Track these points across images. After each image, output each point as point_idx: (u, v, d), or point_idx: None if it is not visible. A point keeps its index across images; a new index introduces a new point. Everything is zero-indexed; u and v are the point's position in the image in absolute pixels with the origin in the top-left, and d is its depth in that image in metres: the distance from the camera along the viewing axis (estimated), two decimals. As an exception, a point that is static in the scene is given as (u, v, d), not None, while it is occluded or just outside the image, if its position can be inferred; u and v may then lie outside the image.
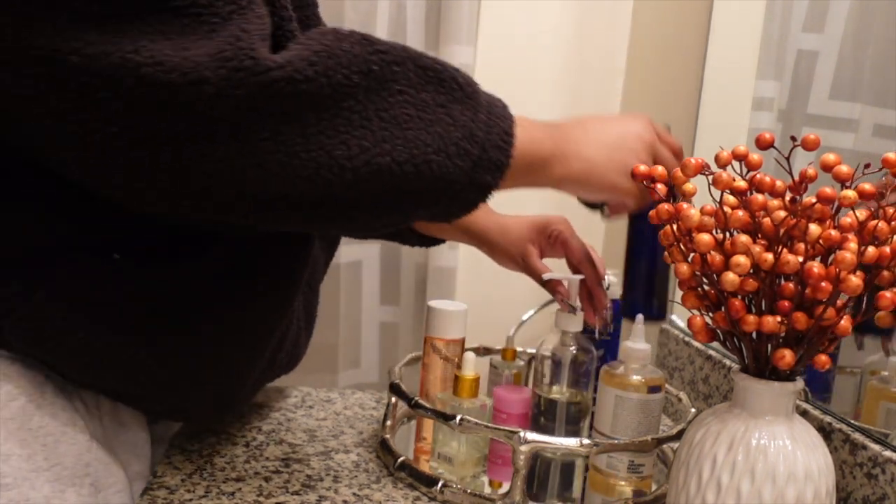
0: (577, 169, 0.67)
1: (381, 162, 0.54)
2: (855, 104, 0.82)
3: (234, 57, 0.49)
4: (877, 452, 0.67)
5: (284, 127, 0.51)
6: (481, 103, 0.60)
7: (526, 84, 1.41)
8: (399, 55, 0.56)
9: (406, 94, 0.56)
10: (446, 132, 0.57)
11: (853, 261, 0.52)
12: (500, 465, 0.79)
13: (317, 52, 0.52)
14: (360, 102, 0.54)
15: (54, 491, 0.59)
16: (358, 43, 0.55)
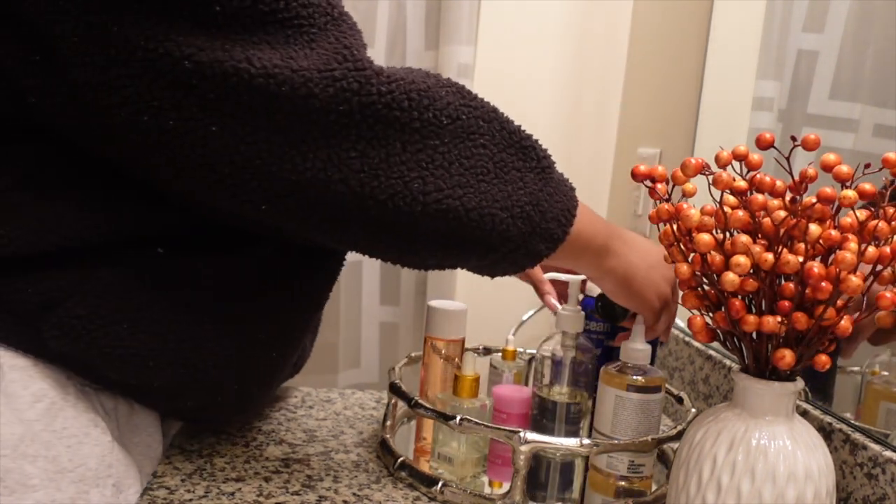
0: (623, 269, 0.71)
1: (450, 204, 0.58)
2: (855, 104, 0.82)
3: (342, 77, 0.53)
4: (877, 452, 0.67)
5: (373, 149, 0.55)
6: (553, 178, 0.64)
7: (526, 84, 1.41)
8: (488, 113, 0.61)
9: (488, 148, 0.60)
10: (515, 193, 0.61)
11: (853, 261, 0.52)
12: (500, 465, 0.79)
13: (416, 89, 0.56)
14: (444, 144, 0.58)
15: (79, 492, 0.60)
16: (454, 92, 0.59)
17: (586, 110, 1.43)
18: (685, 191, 0.61)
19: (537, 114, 1.42)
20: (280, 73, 0.51)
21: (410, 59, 1.35)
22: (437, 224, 0.58)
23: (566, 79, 1.42)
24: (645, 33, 1.36)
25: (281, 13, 0.52)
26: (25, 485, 0.57)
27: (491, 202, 0.60)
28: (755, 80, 1.01)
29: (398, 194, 0.56)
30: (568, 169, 1.53)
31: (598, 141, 1.44)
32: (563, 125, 1.43)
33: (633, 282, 0.72)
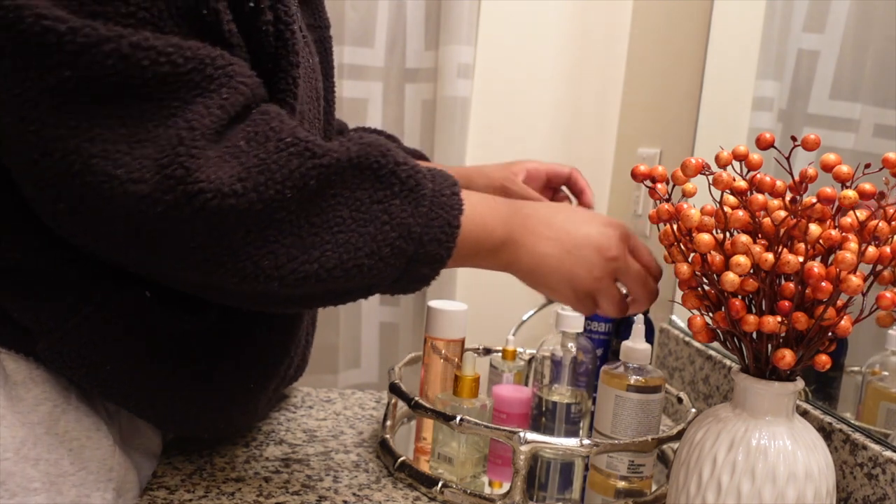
0: (526, 262, 0.65)
1: (307, 269, 0.55)
2: (855, 104, 0.82)
3: (168, 163, 0.50)
4: (877, 452, 0.67)
5: (211, 239, 0.52)
6: (424, 195, 0.58)
7: (526, 84, 1.41)
8: (340, 164, 0.55)
9: (340, 196, 0.56)
10: (381, 232, 0.57)
11: (853, 261, 0.52)
12: (500, 465, 0.79)
13: (249, 168, 0.52)
14: (292, 213, 0.54)
15: (80, 495, 0.60)
16: (298, 154, 0.54)
17: (586, 110, 1.43)
18: (685, 191, 0.61)
19: (537, 114, 1.42)
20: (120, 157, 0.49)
21: (410, 59, 1.35)
22: (301, 290, 0.56)
23: (566, 79, 1.42)
24: (645, 33, 1.36)
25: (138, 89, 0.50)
26: (27, 488, 0.57)
27: (353, 253, 0.56)
28: (755, 80, 1.01)
29: (249, 276, 0.53)
30: (568, 169, 1.53)
31: (598, 141, 1.44)
32: (563, 125, 1.43)
33: (536, 275, 0.66)
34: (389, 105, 1.35)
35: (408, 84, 1.36)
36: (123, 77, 0.49)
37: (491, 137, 1.40)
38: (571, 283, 0.66)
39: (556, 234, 0.66)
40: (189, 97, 0.51)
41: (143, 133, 0.50)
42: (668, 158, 1.23)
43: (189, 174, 0.50)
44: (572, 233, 0.66)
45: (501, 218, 0.65)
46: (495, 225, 0.64)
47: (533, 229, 0.65)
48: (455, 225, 0.59)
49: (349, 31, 1.30)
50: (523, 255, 0.65)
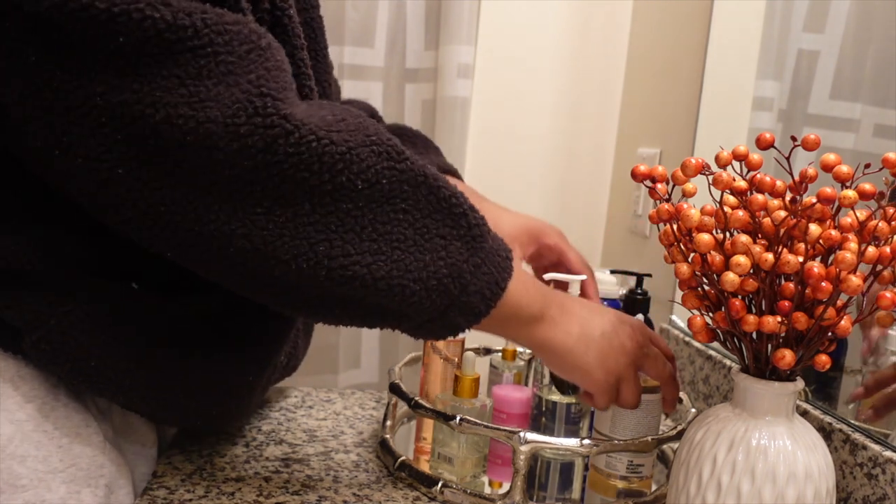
0: (560, 340, 0.65)
1: (356, 271, 0.54)
2: (855, 104, 0.82)
3: (248, 133, 0.50)
4: (877, 453, 0.67)
5: (279, 207, 0.52)
6: (484, 248, 0.59)
7: (526, 84, 1.41)
8: (416, 177, 0.56)
9: (409, 213, 0.56)
10: (434, 264, 0.57)
11: (853, 261, 0.52)
12: (500, 465, 0.79)
13: (331, 151, 0.52)
14: (358, 208, 0.54)
15: (70, 492, 0.60)
16: (379, 153, 0.55)
17: (586, 110, 1.43)
18: (685, 191, 0.61)
19: (537, 114, 1.42)
20: (184, 122, 0.48)
21: (410, 59, 1.35)
22: (342, 289, 0.55)
23: (566, 79, 1.42)
24: (645, 33, 1.36)
25: (191, 41, 0.49)
26: (15, 485, 0.57)
27: (403, 272, 0.55)
28: (755, 80, 1.01)
29: (302, 255, 0.53)
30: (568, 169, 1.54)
31: (598, 141, 1.44)
32: (563, 125, 1.43)
33: (570, 354, 0.66)
34: (389, 105, 1.35)
35: (408, 84, 1.36)
36: (173, 30, 0.48)
37: (491, 137, 1.40)
38: (605, 366, 0.67)
39: (591, 318, 0.67)
40: (242, 51, 0.50)
41: (204, 92, 0.49)
42: (668, 158, 1.23)
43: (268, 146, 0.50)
44: (604, 321, 0.67)
45: (541, 293, 0.65)
46: (535, 298, 0.64)
47: (569, 311, 0.66)
48: (502, 286, 0.60)
49: (349, 31, 1.30)
50: (559, 333, 0.65)
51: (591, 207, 1.46)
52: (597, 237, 1.47)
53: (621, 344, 0.67)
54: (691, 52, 1.17)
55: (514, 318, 0.63)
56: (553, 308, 0.65)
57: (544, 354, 0.67)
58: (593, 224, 1.47)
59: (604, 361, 0.66)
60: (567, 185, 1.45)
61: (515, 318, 0.63)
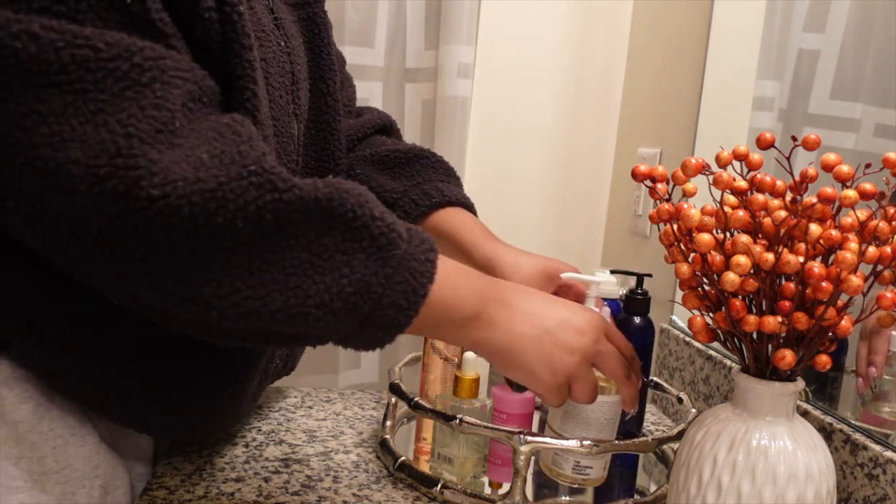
0: (499, 339, 0.61)
1: (249, 305, 0.51)
2: (856, 104, 0.82)
3: (108, 176, 0.46)
4: (877, 453, 0.67)
5: (154, 254, 0.49)
6: (395, 255, 0.54)
7: (526, 84, 1.41)
8: (306, 203, 0.51)
9: (303, 237, 0.51)
10: (336, 284, 0.52)
11: (854, 261, 0.52)
12: (500, 465, 0.79)
13: (200, 190, 0.48)
14: (243, 244, 0.50)
15: (64, 493, 0.60)
16: (259, 185, 0.49)
17: (586, 110, 1.43)
18: (685, 191, 0.61)
19: (537, 114, 1.42)
20: (44, 164, 0.45)
21: (410, 59, 1.35)
22: (242, 325, 0.52)
23: (566, 79, 1.42)
24: (645, 33, 1.36)
25: (56, 75, 0.45)
26: (9, 486, 0.57)
27: (303, 299, 0.51)
28: (755, 80, 1.01)
29: (190, 299, 0.50)
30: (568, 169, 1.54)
31: (598, 141, 1.44)
32: (563, 125, 1.43)
33: (511, 354, 0.61)
34: (389, 105, 1.35)
35: (408, 84, 1.36)
36: (36, 63, 0.44)
37: (491, 137, 1.40)
38: (550, 365, 0.62)
39: (535, 314, 0.62)
40: (117, 89, 0.47)
41: (68, 131, 0.45)
42: (668, 158, 1.23)
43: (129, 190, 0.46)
44: (551, 314, 0.63)
45: (476, 291, 0.60)
46: (467, 297, 0.59)
47: (510, 306, 0.62)
48: (421, 293, 0.55)
49: (349, 31, 1.30)
50: (498, 332, 0.61)
51: (591, 207, 1.46)
52: (597, 237, 1.47)
53: (568, 341, 0.62)
54: (691, 53, 1.17)
55: (443, 322, 0.59)
56: (491, 306, 0.61)
57: (484, 355, 0.63)
58: (593, 224, 1.47)
59: (549, 361, 0.62)
60: (567, 185, 1.45)
61: (445, 321, 0.59)
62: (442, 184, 0.90)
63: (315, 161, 0.85)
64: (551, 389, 0.63)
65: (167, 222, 0.47)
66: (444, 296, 0.57)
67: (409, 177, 0.90)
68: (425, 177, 0.90)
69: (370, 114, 0.99)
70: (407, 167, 0.91)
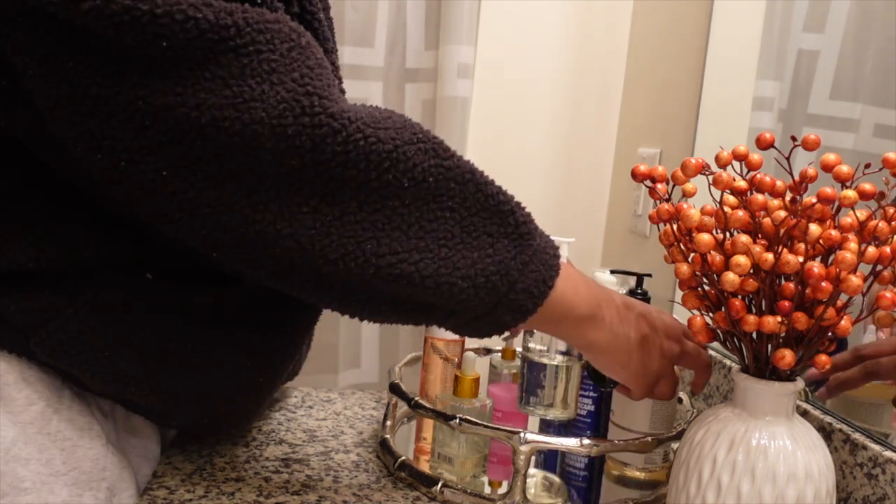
0: (605, 341, 0.65)
1: (404, 269, 0.54)
2: (855, 104, 0.82)
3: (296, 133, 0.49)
4: (877, 453, 0.67)
5: (326, 206, 0.52)
6: (532, 245, 0.59)
7: (526, 84, 1.41)
8: (463, 174, 0.56)
9: (456, 212, 0.56)
10: (482, 261, 0.56)
11: (853, 261, 0.52)
12: (498, 464, 0.79)
13: (378, 150, 0.52)
14: (405, 206, 0.54)
15: (72, 495, 0.60)
16: (425, 150, 0.54)
17: (586, 110, 1.43)
18: (685, 191, 0.61)
19: (537, 114, 1.42)
20: (230, 124, 0.48)
21: (410, 59, 1.35)
22: (390, 287, 0.55)
23: (566, 79, 1.42)
24: (645, 33, 1.36)
25: (233, 40, 0.48)
26: (18, 487, 0.57)
27: (451, 269, 0.55)
28: (755, 80, 1.01)
29: (350, 254, 0.53)
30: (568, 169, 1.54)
31: (598, 141, 1.44)
32: (563, 125, 1.43)
33: (616, 356, 0.66)
34: (389, 105, 1.35)
35: (408, 84, 1.36)
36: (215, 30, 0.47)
37: (491, 137, 1.40)
38: (645, 365, 0.68)
39: (637, 318, 0.67)
40: (284, 49, 0.50)
41: (248, 92, 0.48)
42: (668, 158, 1.23)
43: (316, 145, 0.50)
44: (649, 319, 0.68)
45: (591, 294, 0.64)
46: (583, 297, 0.63)
47: (616, 310, 0.66)
48: (549, 284, 0.59)
49: (349, 31, 1.30)
50: (605, 335, 0.65)
51: (591, 207, 1.46)
52: (597, 237, 1.47)
53: (661, 345, 0.69)
54: (691, 52, 1.17)
55: (563, 317, 0.63)
56: (602, 309, 0.65)
57: (591, 354, 0.67)
58: (593, 224, 1.47)
59: (646, 363, 0.67)
60: (567, 185, 1.45)
61: (564, 317, 0.63)
62: None
63: None
64: (644, 387, 0.69)
65: (345, 174, 0.51)
66: (566, 292, 0.61)
67: None
68: None
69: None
70: None
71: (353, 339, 1.39)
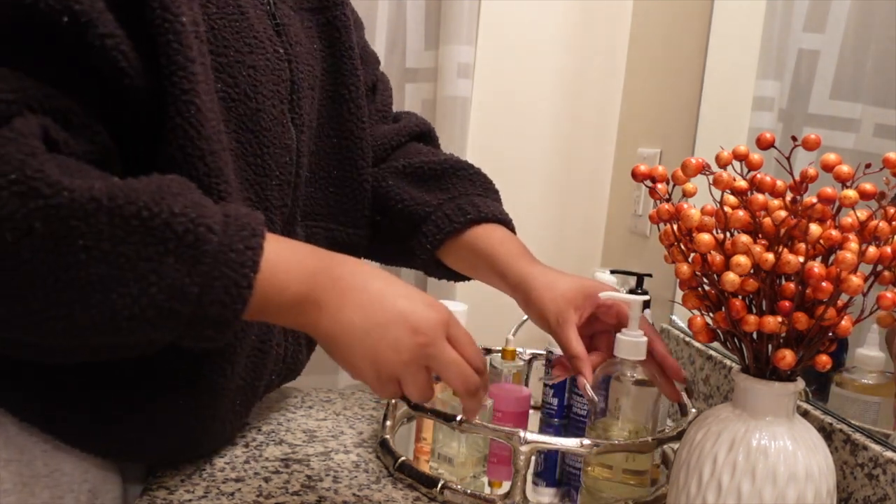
0: (325, 327, 0.56)
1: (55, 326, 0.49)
2: (856, 104, 0.82)
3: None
4: (877, 453, 0.67)
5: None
6: (206, 251, 0.51)
7: (526, 84, 1.41)
8: (84, 206, 0.47)
9: (96, 250, 0.48)
10: (145, 294, 0.49)
11: (854, 261, 0.52)
12: (498, 464, 0.79)
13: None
14: (24, 262, 0.47)
15: (53, 497, 0.59)
16: (20, 194, 0.46)
17: (587, 110, 1.43)
18: (685, 191, 0.61)
19: (537, 114, 1.42)
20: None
21: (410, 59, 1.35)
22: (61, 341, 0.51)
23: (566, 79, 1.42)
24: (645, 33, 1.36)
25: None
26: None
27: (110, 315, 0.49)
28: (755, 80, 1.01)
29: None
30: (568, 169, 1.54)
31: (598, 141, 1.44)
32: (563, 125, 1.43)
33: (336, 345, 0.57)
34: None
35: (408, 84, 1.36)
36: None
37: (491, 137, 1.40)
38: (374, 362, 0.57)
39: (367, 303, 0.57)
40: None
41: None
42: (668, 158, 1.23)
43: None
44: (385, 305, 0.57)
45: (304, 273, 0.56)
46: (291, 281, 0.56)
47: (342, 292, 0.57)
48: (244, 285, 0.52)
49: (349, 30, 1.30)
50: (324, 318, 0.56)
51: (591, 207, 1.46)
52: (597, 237, 1.47)
53: (398, 339, 0.56)
54: (691, 52, 1.17)
55: (274, 308, 0.56)
56: (320, 289, 0.56)
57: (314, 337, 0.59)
58: (593, 224, 1.47)
59: (374, 358, 0.56)
60: (567, 185, 1.45)
61: (277, 307, 0.56)
62: (479, 198, 0.86)
63: (337, 171, 0.82)
64: (376, 386, 0.59)
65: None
66: (274, 281, 0.54)
67: (443, 190, 0.87)
68: (461, 190, 0.87)
69: (407, 119, 0.95)
70: (442, 180, 0.88)
71: (352, 340, 1.39)
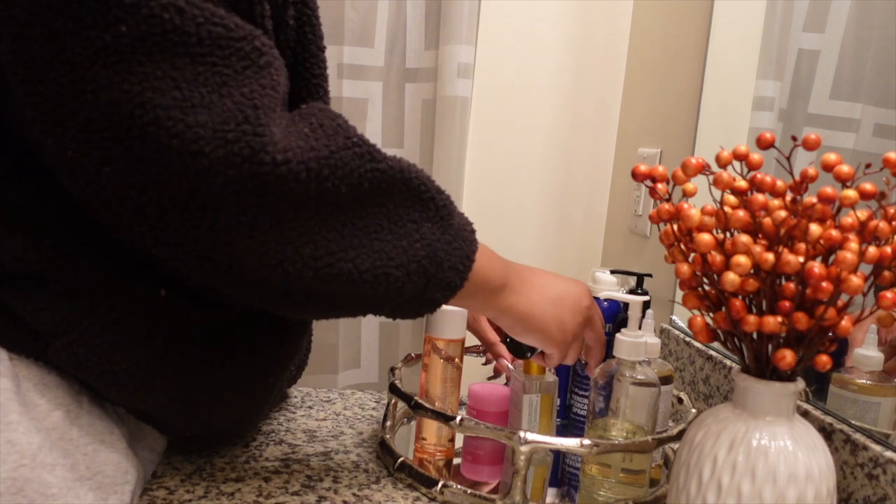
0: (521, 306, 0.70)
1: (342, 267, 0.56)
2: (856, 104, 0.82)
3: (235, 140, 0.49)
4: (878, 453, 0.67)
5: (262, 217, 0.52)
6: (452, 224, 0.62)
7: (526, 84, 1.41)
8: (394, 175, 0.58)
9: (385, 207, 0.58)
10: (411, 248, 0.59)
11: (854, 261, 0.52)
12: (473, 462, 0.80)
13: (316, 157, 0.53)
14: (340, 209, 0.56)
15: (97, 499, 0.60)
16: (360, 155, 0.56)
17: (587, 110, 1.43)
18: (685, 191, 0.61)
19: (537, 114, 1.42)
20: (173, 125, 0.48)
21: (410, 59, 1.35)
22: (329, 286, 0.56)
23: (566, 79, 1.42)
24: (645, 33, 1.36)
25: (193, 47, 0.49)
26: (45, 494, 0.56)
27: (385, 261, 0.58)
28: (755, 80, 1.01)
29: (288, 260, 0.54)
30: (568, 169, 1.54)
31: (598, 141, 1.44)
32: (563, 125, 1.43)
33: (531, 319, 0.70)
34: (389, 105, 1.35)
35: (408, 84, 1.36)
36: (178, 34, 0.48)
37: (491, 137, 1.40)
38: (562, 327, 0.72)
39: (540, 288, 0.72)
40: (239, 67, 0.51)
41: (198, 98, 0.49)
42: (668, 158, 1.23)
43: (255, 154, 0.50)
44: (555, 286, 0.73)
45: (503, 265, 0.69)
46: (497, 268, 0.67)
47: (527, 279, 0.71)
48: (472, 259, 0.63)
49: (349, 31, 1.30)
50: (521, 300, 0.70)
51: (591, 207, 1.46)
52: (597, 237, 1.47)
53: (573, 304, 0.73)
54: (691, 52, 1.17)
55: (482, 288, 0.66)
56: (513, 277, 0.69)
57: (507, 320, 0.70)
58: (593, 224, 1.47)
59: (560, 322, 0.72)
60: (567, 185, 1.45)
61: (483, 288, 0.66)
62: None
63: None
64: (560, 347, 0.73)
65: (284, 186, 0.51)
66: (484, 265, 0.65)
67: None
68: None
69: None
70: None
71: (352, 340, 1.39)
